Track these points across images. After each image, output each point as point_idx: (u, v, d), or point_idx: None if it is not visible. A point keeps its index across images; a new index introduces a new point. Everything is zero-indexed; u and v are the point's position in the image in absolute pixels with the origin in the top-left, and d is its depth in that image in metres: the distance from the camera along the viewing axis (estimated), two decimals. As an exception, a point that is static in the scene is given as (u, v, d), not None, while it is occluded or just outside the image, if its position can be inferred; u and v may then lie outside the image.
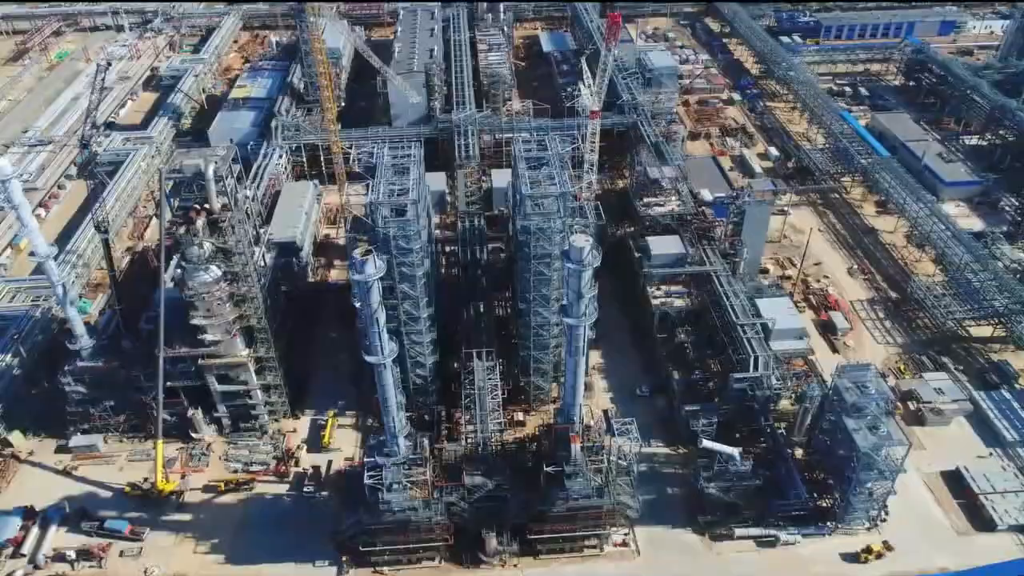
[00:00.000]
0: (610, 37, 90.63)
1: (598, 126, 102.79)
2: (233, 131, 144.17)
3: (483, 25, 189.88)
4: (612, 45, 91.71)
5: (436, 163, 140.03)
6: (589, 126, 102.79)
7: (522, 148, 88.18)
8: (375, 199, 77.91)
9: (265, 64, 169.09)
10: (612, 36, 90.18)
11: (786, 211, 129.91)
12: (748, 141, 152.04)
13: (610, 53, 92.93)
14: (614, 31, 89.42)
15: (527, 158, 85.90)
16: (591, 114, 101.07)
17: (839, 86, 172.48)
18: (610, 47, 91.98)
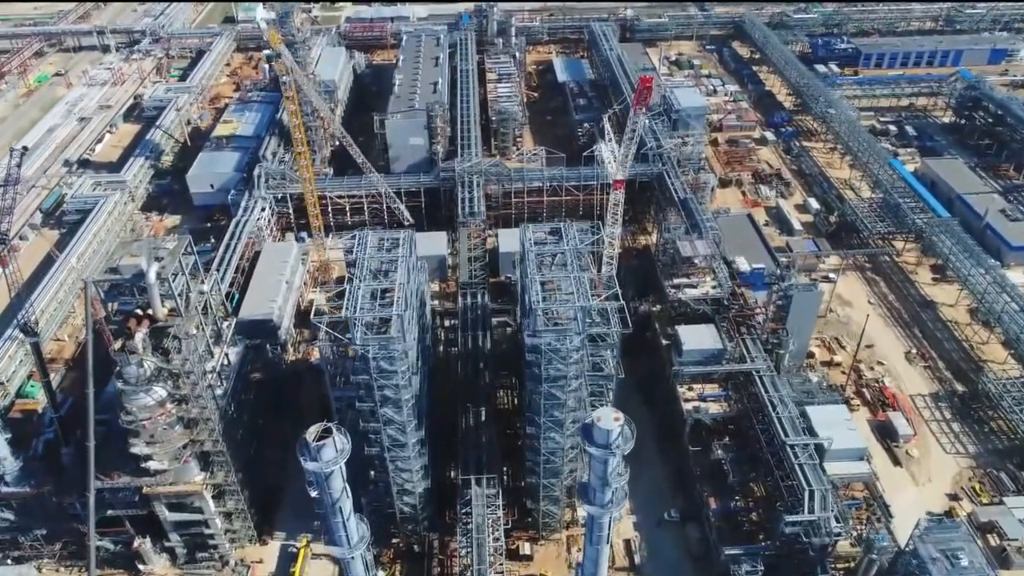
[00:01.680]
0: (639, 101, 76.07)
1: (621, 197, 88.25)
2: (214, 176, 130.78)
3: (493, 51, 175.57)
4: (641, 111, 77.14)
5: (438, 214, 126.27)
6: (612, 196, 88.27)
7: (531, 240, 73.64)
8: (351, 312, 63.61)
9: (254, 96, 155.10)
10: (642, 101, 75.66)
11: (831, 279, 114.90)
12: (784, 190, 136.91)
13: (638, 119, 78.31)
14: (644, 96, 74.92)
15: (538, 254, 71.36)
16: (615, 184, 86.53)
17: (883, 123, 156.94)
18: (638, 112, 77.39)
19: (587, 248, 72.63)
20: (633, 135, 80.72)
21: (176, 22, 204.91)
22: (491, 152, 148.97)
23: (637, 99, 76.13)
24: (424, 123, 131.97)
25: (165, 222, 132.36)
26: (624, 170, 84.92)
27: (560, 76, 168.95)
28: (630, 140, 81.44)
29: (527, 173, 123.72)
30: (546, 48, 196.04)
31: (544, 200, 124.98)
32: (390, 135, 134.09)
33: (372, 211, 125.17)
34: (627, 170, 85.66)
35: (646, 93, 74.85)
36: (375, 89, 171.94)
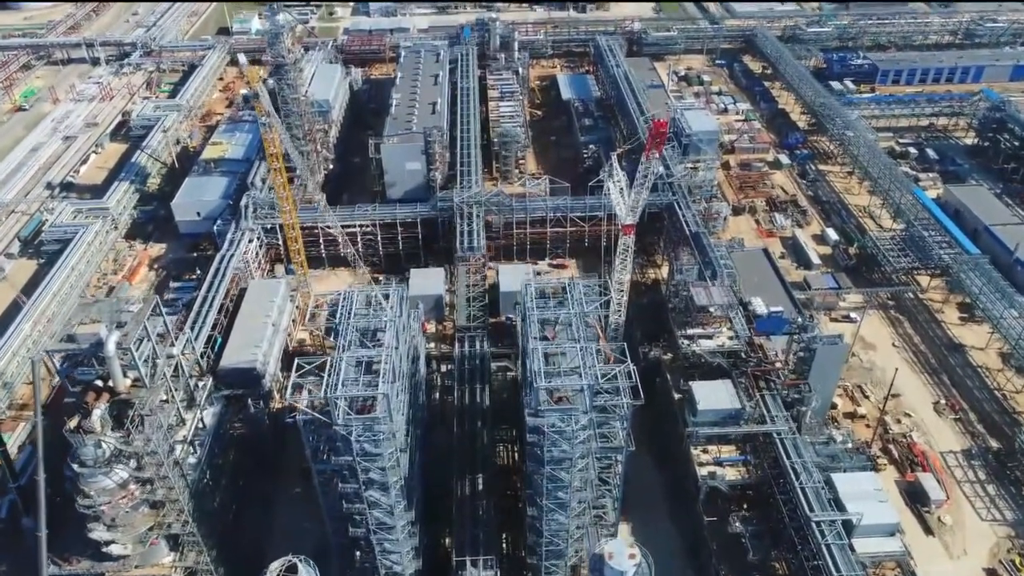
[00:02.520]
0: (652, 146, 69.43)
1: (631, 242, 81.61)
2: (200, 203, 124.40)
3: (495, 66, 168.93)
4: (654, 156, 70.49)
5: (435, 246, 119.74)
6: (620, 242, 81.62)
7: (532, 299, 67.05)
8: (330, 391, 57.02)
9: (246, 115, 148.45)
10: (655, 145, 69.01)
11: (853, 319, 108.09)
12: (800, 219, 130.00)
13: (650, 165, 71.64)
14: (658, 141, 68.26)
15: (540, 321, 64.75)
16: (624, 228, 79.87)
17: (902, 145, 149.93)
18: (651, 158, 70.73)
19: (595, 312, 65.83)
20: (645, 181, 74.06)
21: (169, 34, 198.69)
22: (492, 175, 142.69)
23: (650, 144, 69.57)
24: (421, 148, 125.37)
25: (150, 251, 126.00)
26: (635, 215, 78.23)
27: (564, 93, 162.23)
28: (642, 185, 74.79)
29: (530, 203, 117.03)
30: (550, 62, 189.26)
31: (547, 231, 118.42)
32: (386, 160, 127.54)
33: (366, 243, 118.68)
34: (637, 215, 78.93)
35: (660, 138, 68.31)
36: (372, 106, 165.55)
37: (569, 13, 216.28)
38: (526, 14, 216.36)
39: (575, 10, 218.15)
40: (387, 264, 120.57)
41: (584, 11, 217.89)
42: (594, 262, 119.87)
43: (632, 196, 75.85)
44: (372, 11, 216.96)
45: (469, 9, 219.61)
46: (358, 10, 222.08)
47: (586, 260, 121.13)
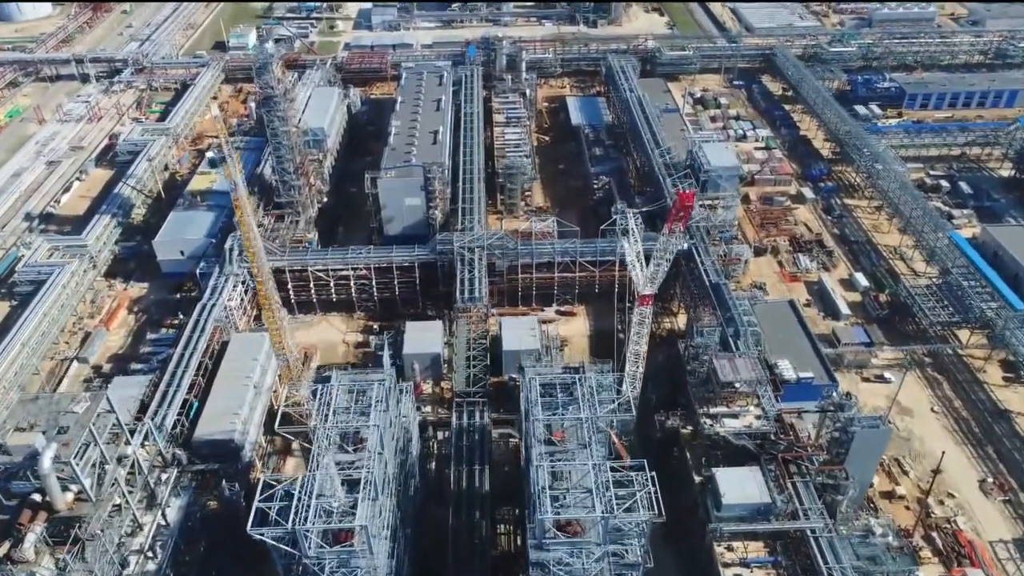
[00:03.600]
0: (675, 219, 60.98)
1: (649, 313, 73.09)
2: (184, 242, 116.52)
3: (501, 87, 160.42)
4: (677, 229, 62.06)
5: (434, 291, 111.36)
6: (636, 312, 73.10)
7: (536, 395, 58.71)
8: (298, 524, 48.69)
9: (237, 142, 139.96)
10: (679, 220, 60.56)
11: (887, 378, 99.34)
12: (827, 261, 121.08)
13: (673, 240, 63.22)
14: (683, 215, 59.82)
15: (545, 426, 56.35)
16: (640, 299, 71.36)
17: (933, 178, 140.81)
18: (674, 231, 62.30)
19: (609, 416, 57.41)
20: (665, 255, 65.60)
21: (163, 48, 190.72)
22: (496, 208, 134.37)
23: (672, 217, 61.20)
24: (421, 183, 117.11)
25: (130, 292, 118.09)
26: (653, 286, 69.73)
27: (574, 118, 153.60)
28: (662, 259, 66.31)
29: (536, 247, 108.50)
30: (559, 82, 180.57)
31: (555, 276, 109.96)
32: (383, 195, 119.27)
33: (360, 287, 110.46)
34: (656, 287, 70.42)
35: (684, 212, 59.97)
36: (372, 128, 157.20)
37: (579, 28, 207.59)
38: (534, 29, 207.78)
39: (585, 25, 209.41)
40: (382, 310, 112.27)
41: (595, 26, 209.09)
42: (605, 308, 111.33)
43: (651, 268, 67.36)
44: (375, 26, 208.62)
45: (475, 23, 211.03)
46: (360, 24, 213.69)
47: (596, 306, 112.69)
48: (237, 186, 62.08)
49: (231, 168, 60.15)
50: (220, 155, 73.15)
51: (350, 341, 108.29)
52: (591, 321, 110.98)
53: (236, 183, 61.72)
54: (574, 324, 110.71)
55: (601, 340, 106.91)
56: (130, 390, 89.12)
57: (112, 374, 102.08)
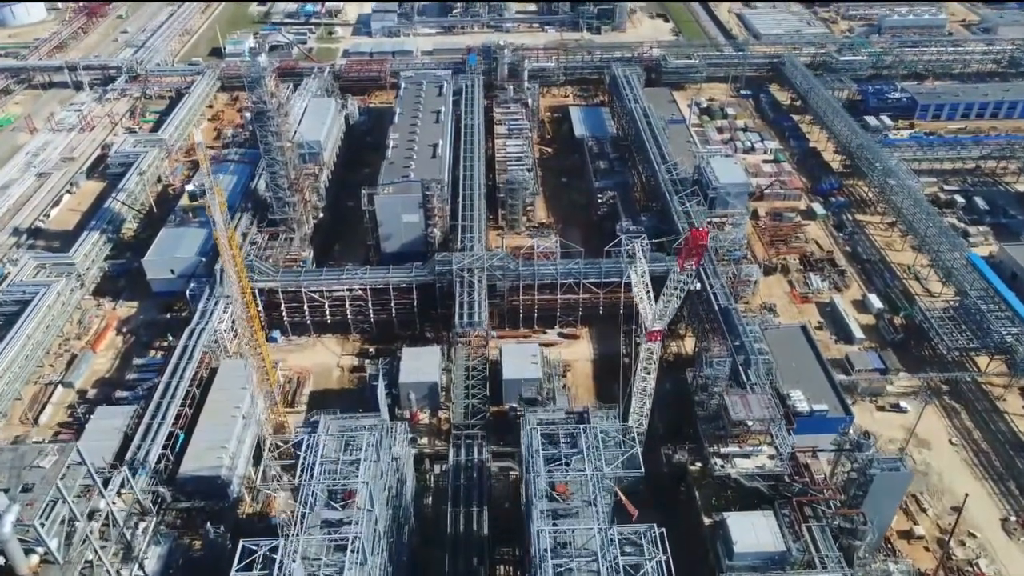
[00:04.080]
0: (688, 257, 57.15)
1: (657, 349, 69.23)
2: (174, 260, 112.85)
3: (502, 97, 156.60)
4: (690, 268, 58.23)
5: (432, 312, 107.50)
6: (644, 347, 69.24)
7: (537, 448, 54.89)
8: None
9: (231, 155, 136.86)
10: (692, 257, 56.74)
11: (902, 408, 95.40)
12: (839, 280, 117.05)
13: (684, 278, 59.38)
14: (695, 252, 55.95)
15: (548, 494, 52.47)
16: (649, 335, 67.48)
17: (947, 192, 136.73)
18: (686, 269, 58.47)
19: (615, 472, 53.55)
20: (676, 291, 61.74)
21: (158, 55, 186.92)
22: (498, 224, 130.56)
23: (685, 254, 57.38)
24: (419, 200, 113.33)
25: (119, 312, 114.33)
26: (663, 322, 65.87)
27: (577, 129, 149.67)
28: (672, 296, 62.43)
29: (538, 267, 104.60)
30: (562, 91, 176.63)
31: (557, 298, 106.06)
32: (380, 212, 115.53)
33: (355, 308, 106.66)
34: (666, 323, 66.57)
35: (698, 251, 56.17)
36: (370, 139, 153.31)
37: (583, 35, 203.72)
38: (537, 36, 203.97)
39: (589, 31, 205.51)
40: (379, 332, 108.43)
41: (599, 32, 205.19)
42: (609, 331, 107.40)
43: (660, 305, 63.47)
44: (374, 32, 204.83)
45: (477, 30, 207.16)
46: (359, 30, 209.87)
47: (600, 328, 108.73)
48: (217, 225, 58.06)
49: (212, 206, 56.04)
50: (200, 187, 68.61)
51: (345, 365, 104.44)
52: (595, 344, 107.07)
53: (217, 222, 57.63)
54: (577, 347, 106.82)
55: (605, 365, 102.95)
56: (113, 421, 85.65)
57: (98, 399, 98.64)
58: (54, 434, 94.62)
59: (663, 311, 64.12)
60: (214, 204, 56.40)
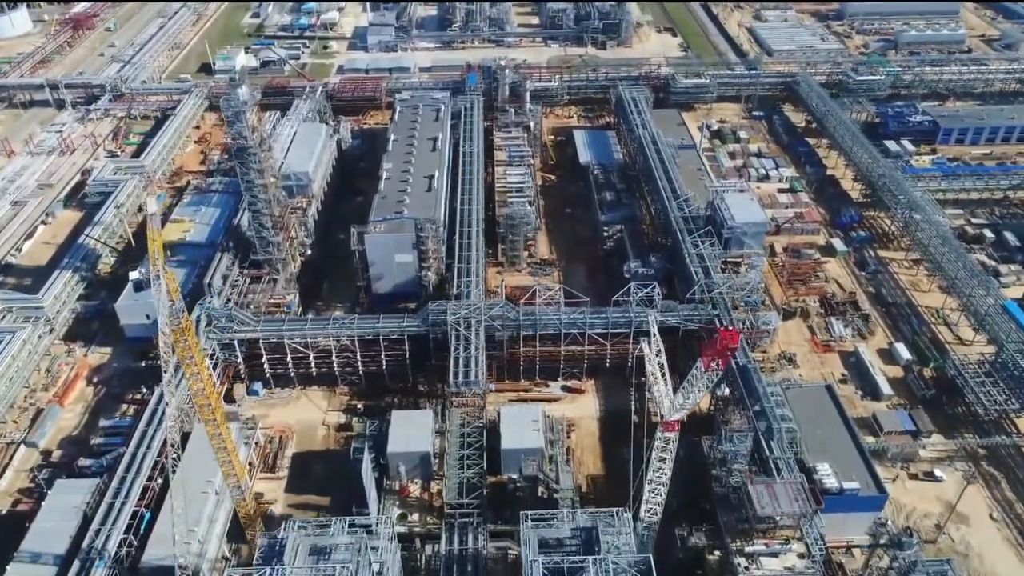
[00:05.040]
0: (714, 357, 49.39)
1: (675, 439, 61.35)
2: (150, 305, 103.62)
3: (503, 119, 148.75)
4: (714, 368, 50.49)
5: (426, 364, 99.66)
6: (658, 436, 61.41)
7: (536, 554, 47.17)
8: None
9: (215, 184, 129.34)
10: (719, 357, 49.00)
11: (937, 476, 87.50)
12: (863, 326, 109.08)
13: (708, 376, 51.58)
14: (722, 352, 48.19)
15: None
16: (666, 425, 59.63)
17: (975, 227, 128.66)
18: (712, 369, 50.71)
19: None
20: (699, 387, 53.98)
21: (145, 71, 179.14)
22: (497, 260, 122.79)
23: (711, 354, 49.64)
24: (412, 240, 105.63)
25: (90, 359, 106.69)
26: (683, 413, 58.06)
27: (582, 156, 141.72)
28: (693, 392, 54.66)
29: (541, 317, 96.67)
30: (565, 111, 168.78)
31: (561, 350, 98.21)
32: (371, 252, 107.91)
33: (343, 361, 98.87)
34: (685, 414, 58.76)
35: (726, 353, 48.51)
36: (364, 165, 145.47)
37: (587, 50, 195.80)
38: (539, 51, 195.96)
39: (594, 47, 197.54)
40: (368, 384, 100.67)
41: (604, 47, 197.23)
42: (616, 384, 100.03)
43: (680, 398, 55.64)
44: (370, 47, 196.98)
45: (477, 44, 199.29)
46: (355, 45, 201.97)
47: (606, 382, 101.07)
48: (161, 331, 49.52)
49: (159, 292, 47.90)
50: (146, 276, 60.08)
51: (331, 423, 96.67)
52: (601, 399, 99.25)
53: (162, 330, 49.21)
54: (582, 403, 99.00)
55: (613, 422, 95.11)
56: (73, 497, 78.32)
57: (64, 461, 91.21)
58: (13, 502, 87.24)
59: (683, 404, 56.31)
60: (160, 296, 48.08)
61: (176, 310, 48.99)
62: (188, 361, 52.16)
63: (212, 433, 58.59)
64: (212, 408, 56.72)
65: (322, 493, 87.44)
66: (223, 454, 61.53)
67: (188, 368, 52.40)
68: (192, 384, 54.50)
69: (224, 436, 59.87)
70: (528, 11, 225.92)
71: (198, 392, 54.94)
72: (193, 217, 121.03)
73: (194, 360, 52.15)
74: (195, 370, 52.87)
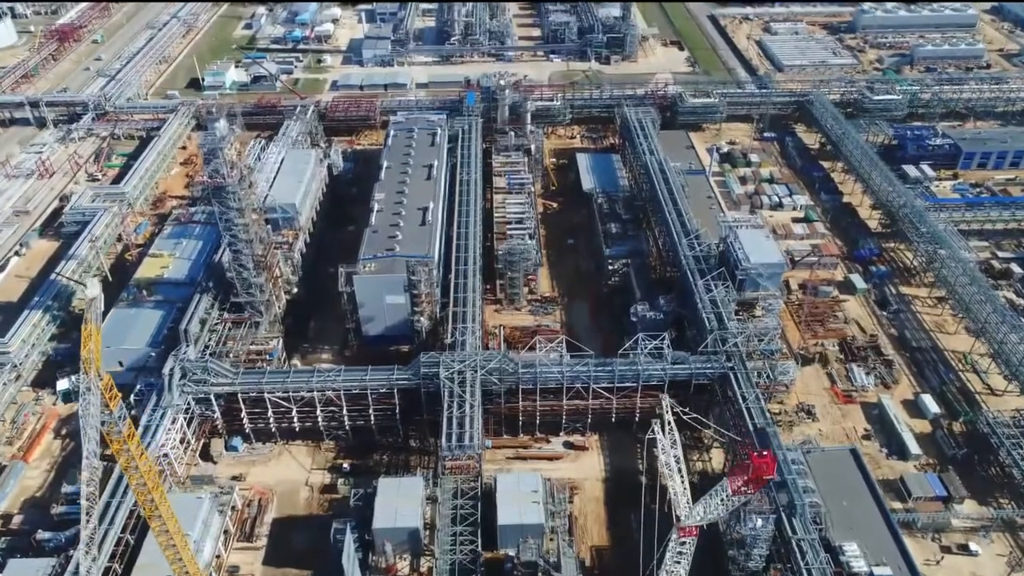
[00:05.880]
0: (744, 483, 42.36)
1: (692, 544, 54.19)
2: (122, 352, 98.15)
3: (502, 142, 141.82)
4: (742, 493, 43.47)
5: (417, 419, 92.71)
6: (673, 539, 54.26)
7: None
8: None
9: (198, 214, 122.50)
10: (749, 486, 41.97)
11: (972, 551, 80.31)
12: (886, 374, 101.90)
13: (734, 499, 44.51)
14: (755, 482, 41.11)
15: None
16: (682, 531, 52.51)
17: (1002, 262, 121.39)
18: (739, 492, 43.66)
19: None
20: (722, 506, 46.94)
21: (131, 87, 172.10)
22: (495, 296, 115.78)
23: (742, 481, 42.50)
24: (403, 283, 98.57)
25: (59, 408, 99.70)
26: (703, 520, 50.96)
27: (586, 182, 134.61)
28: (715, 508, 47.57)
29: (541, 371, 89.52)
30: (568, 131, 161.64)
31: (563, 404, 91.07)
32: (360, 294, 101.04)
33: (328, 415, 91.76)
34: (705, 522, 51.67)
35: (758, 483, 41.49)
36: (356, 191, 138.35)
37: (591, 65, 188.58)
38: (541, 66, 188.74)
39: (598, 61, 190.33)
40: (355, 439, 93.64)
41: (608, 62, 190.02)
42: (623, 440, 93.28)
43: (700, 509, 48.52)
44: (365, 61, 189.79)
45: (476, 59, 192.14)
46: (349, 59, 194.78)
47: (612, 438, 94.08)
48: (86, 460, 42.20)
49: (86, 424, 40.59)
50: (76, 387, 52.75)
51: (315, 484, 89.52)
52: (607, 458, 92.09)
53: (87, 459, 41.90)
54: (586, 462, 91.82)
55: (619, 484, 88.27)
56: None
57: (26, 527, 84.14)
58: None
59: (700, 516, 49.18)
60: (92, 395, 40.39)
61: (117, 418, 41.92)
62: (132, 472, 45.09)
63: (164, 544, 51.43)
64: (163, 519, 49.54)
65: (303, 565, 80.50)
66: (179, 566, 54.35)
67: (133, 478, 45.30)
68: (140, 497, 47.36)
69: (179, 547, 52.68)
70: (529, 23, 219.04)
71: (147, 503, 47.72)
72: (173, 251, 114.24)
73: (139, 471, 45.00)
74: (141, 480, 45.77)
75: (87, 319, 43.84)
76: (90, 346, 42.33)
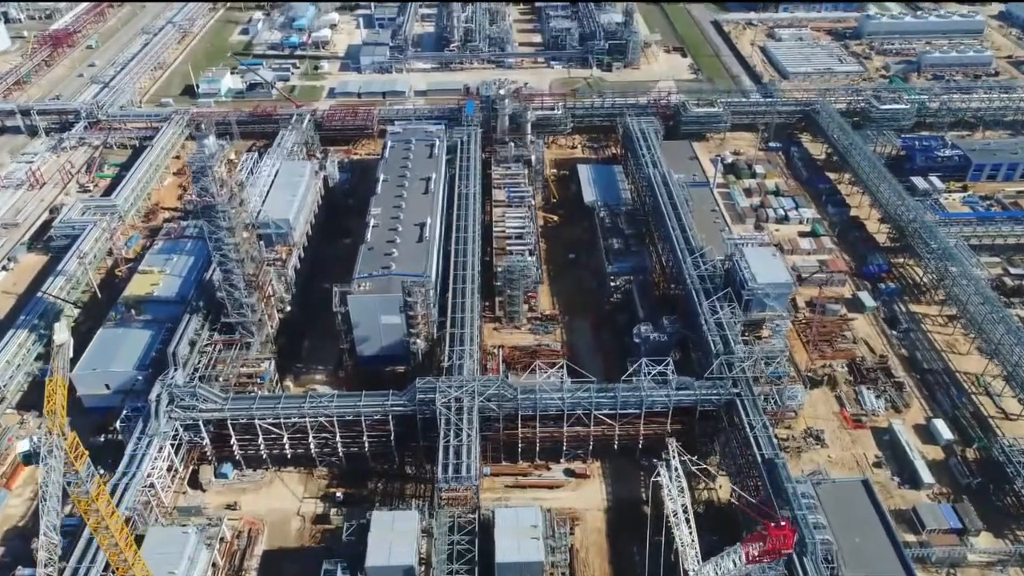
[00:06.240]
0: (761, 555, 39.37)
1: (700, 598, 51.15)
2: (109, 375, 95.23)
3: (502, 153, 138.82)
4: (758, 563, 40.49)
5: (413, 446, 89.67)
6: (681, 592, 51.24)
7: None
8: None
9: (189, 228, 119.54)
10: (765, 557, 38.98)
11: (990, 587, 77.42)
12: (897, 398, 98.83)
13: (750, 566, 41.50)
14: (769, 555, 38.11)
15: None
16: (688, 585, 49.55)
17: (1015, 279, 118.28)
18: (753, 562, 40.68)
19: None
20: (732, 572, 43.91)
21: (125, 94, 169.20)
22: (494, 314, 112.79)
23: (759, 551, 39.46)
24: (399, 303, 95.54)
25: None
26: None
27: (587, 194, 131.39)
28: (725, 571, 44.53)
29: (541, 397, 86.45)
30: (569, 140, 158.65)
31: (564, 431, 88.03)
32: (355, 314, 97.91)
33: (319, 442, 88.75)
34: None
35: (774, 555, 38.51)
36: (352, 202, 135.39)
37: (592, 73, 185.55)
38: (542, 73, 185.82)
39: (599, 68, 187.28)
40: (349, 465, 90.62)
41: (610, 69, 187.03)
42: (625, 468, 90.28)
43: (710, 570, 45.49)
44: (363, 68, 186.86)
45: (476, 65, 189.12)
46: (347, 66, 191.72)
47: (615, 465, 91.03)
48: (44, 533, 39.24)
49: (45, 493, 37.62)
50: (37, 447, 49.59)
51: (307, 513, 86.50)
52: (609, 486, 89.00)
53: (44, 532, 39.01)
54: (587, 491, 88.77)
55: (622, 514, 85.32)
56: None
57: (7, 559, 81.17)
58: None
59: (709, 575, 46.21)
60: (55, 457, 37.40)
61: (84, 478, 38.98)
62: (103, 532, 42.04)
63: None
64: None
65: (294, 602, 77.69)
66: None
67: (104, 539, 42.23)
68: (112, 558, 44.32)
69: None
70: (530, 29, 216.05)
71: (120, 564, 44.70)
72: (164, 267, 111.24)
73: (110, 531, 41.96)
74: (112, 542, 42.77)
75: (53, 368, 40.86)
76: (56, 399, 39.28)
